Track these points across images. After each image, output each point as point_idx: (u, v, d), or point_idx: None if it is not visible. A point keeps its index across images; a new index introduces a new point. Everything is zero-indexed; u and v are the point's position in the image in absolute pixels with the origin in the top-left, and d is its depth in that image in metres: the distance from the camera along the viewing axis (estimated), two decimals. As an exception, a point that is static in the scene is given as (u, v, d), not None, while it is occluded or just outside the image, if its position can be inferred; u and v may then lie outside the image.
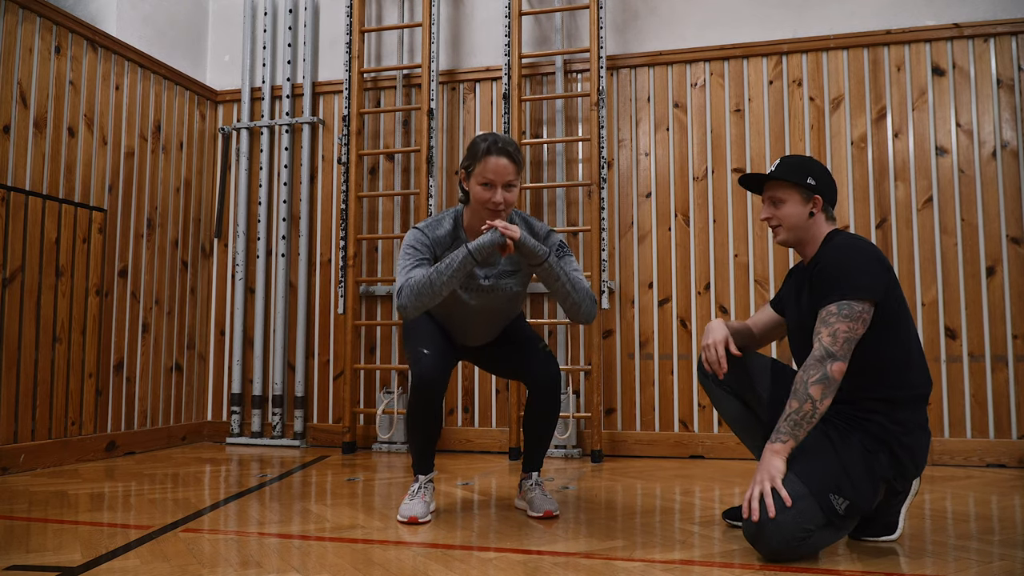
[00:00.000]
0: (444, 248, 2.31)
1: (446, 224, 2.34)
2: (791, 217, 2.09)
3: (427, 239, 2.29)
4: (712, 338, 2.17)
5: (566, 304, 2.27)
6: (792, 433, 1.89)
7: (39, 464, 3.26)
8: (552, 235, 2.36)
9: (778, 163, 2.13)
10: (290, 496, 2.74)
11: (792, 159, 2.13)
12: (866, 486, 1.90)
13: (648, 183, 3.88)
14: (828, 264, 1.99)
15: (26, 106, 3.28)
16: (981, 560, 1.87)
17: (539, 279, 2.27)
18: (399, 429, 3.95)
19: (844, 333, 1.90)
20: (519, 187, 2.28)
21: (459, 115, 4.15)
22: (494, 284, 2.35)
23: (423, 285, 2.15)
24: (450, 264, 2.16)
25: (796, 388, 1.90)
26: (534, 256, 2.20)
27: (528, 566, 1.84)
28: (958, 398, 3.45)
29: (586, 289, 2.28)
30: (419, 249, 2.26)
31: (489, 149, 2.22)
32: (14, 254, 3.17)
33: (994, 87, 3.53)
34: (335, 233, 4.24)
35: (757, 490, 1.86)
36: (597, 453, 3.59)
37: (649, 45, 3.95)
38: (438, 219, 2.36)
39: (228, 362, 4.36)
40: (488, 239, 2.16)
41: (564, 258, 2.31)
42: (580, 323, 2.31)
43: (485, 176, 2.21)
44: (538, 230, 2.36)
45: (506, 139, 2.25)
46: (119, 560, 1.88)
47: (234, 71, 4.52)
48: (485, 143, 2.23)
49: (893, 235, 3.58)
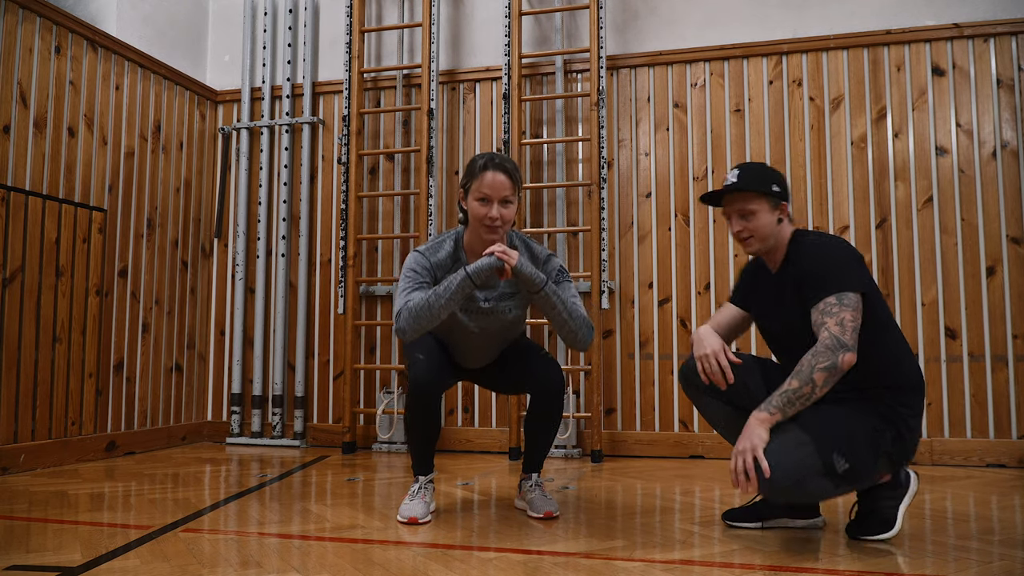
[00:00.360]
0: (445, 271, 2.31)
1: (447, 247, 2.34)
2: (764, 227, 2.09)
3: (427, 262, 2.29)
4: (709, 348, 2.11)
5: (563, 331, 2.28)
6: (783, 409, 1.91)
7: (39, 464, 3.26)
8: (552, 260, 2.36)
9: (738, 173, 2.10)
10: (290, 496, 2.74)
11: (751, 167, 2.11)
12: (868, 454, 1.94)
13: (648, 183, 3.88)
14: (814, 263, 2.01)
15: (26, 106, 3.28)
16: (981, 560, 1.87)
17: (537, 306, 2.27)
18: (399, 429, 3.95)
19: (851, 322, 1.92)
20: (516, 205, 2.27)
21: (459, 115, 4.15)
22: (493, 307, 2.35)
23: (421, 308, 2.15)
24: (448, 287, 2.16)
25: (801, 369, 1.91)
26: (531, 284, 2.20)
27: (528, 566, 1.84)
28: (958, 398, 3.45)
29: (583, 316, 2.28)
30: (419, 272, 2.26)
31: (486, 165, 2.22)
32: (14, 254, 3.17)
33: (994, 87, 3.53)
34: (335, 233, 4.24)
35: (740, 462, 1.88)
36: (597, 453, 3.59)
37: (649, 45, 3.95)
38: (439, 241, 2.36)
39: (228, 362, 4.36)
40: (486, 263, 2.16)
41: (562, 284, 2.31)
42: (576, 350, 2.32)
43: (482, 191, 2.21)
44: (538, 254, 2.36)
45: (504, 157, 2.29)
46: (119, 560, 1.88)
47: (234, 71, 4.52)
48: (482, 160, 2.25)
49: (893, 235, 3.58)
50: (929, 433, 3.47)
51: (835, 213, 3.66)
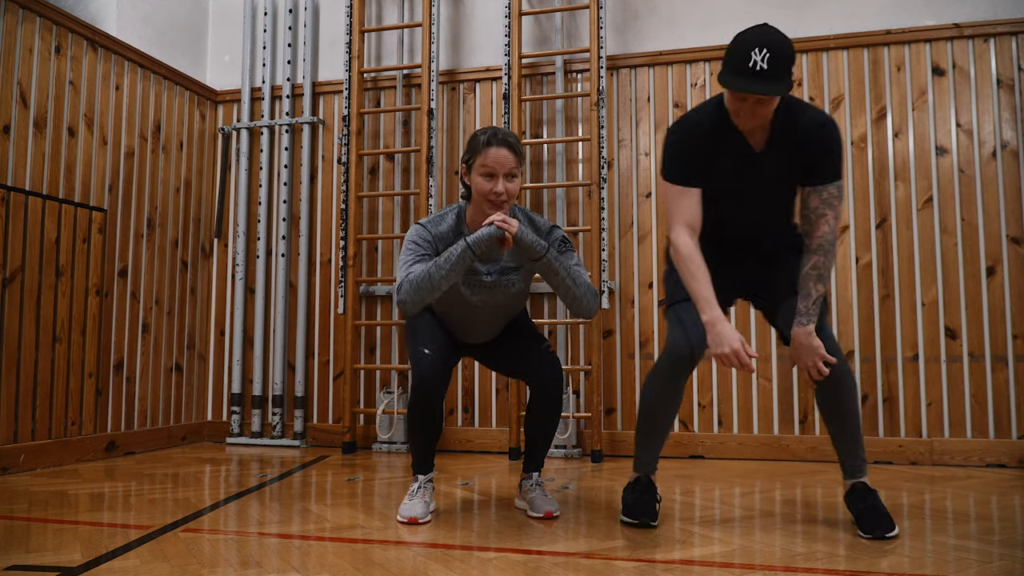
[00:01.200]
0: (446, 244, 2.30)
1: (449, 219, 2.34)
2: (771, 112, 2.04)
3: (429, 234, 2.30)
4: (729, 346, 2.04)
5: (567, 298, 2.28)
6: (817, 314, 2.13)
7: (39, 464, 3.26)
8: (555, 231, 2.36)
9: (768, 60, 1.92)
10: (290, 496, 2.74)
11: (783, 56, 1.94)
12: None
13: (648, 183, 3.88)
14: (822, 148, 2.08)
15: (26, 106, 3.28)
16: (981, 560, 1.87)
17: (540, 274, 2.28)
18: (399, 429, 3.95)
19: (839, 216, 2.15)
20: (520, 178, 2.28)
21: (459, 115, 4.15)
22: (496, 280, 2.34)
23: (422, 279, 2.16)
24: (448, 258, 2.16)
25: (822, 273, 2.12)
26: (532, 251, 2.21)
27: (528, 566, 1.84)
28: (958, 398, 3.45)
29: (587, 283, 2.28)
30: (420, 244, 2.27)
31: (489, 140, 2.23)
32: (14, 254, 3.17)
33: (994, 87, 3.53)
34: (335, 233, 4.24)
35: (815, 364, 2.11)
36: (597, 453, 3.59)
37: (649, 45, 3.95)
38: (441, 215, 2.36)
39: (228, 362, 4.36)
40: (486, 232, 2.17)
41: (566, 253, 2.32)
42: (582, 317, 2.32)
43: (486, 166, 2.21)
44: (540, 226, 2.36)
45: (506, 131, 2.28)
46: (119, 560, 1.88)
47: (234, 71, 4.52)
48: (485, 135, 2.25)
49: (893, 235, 3.58)
50: (929, 433, 3.47)
51: (835, 213, 3.65)
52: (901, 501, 2.62)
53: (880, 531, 2.07)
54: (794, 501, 2.61)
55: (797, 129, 2.10)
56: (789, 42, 1.99)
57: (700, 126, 2.14)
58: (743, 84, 1.94)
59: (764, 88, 1.94)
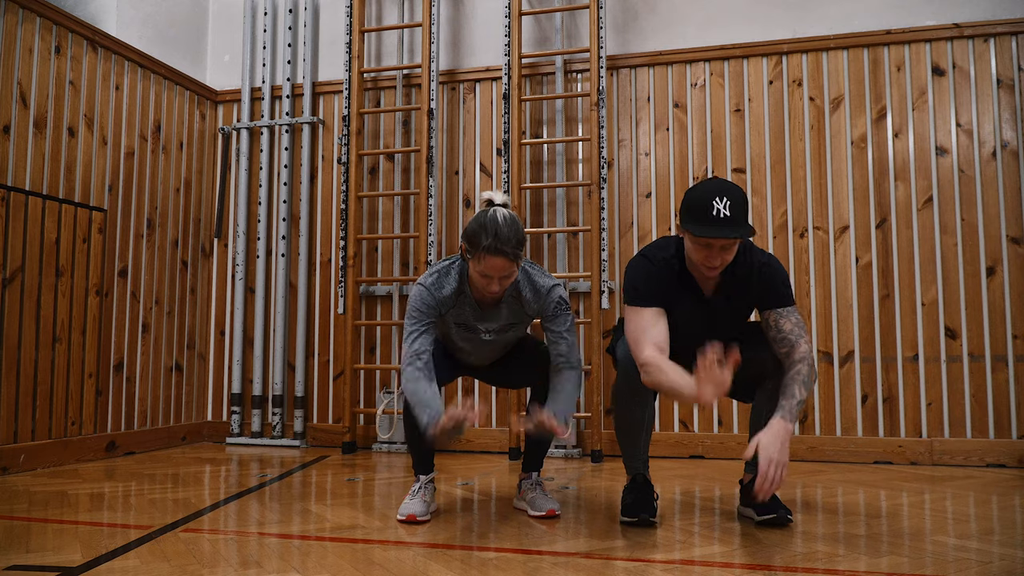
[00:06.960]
0: (448, 307, 2.33)
1: (451, 281, 2.32)
2: (733, 255, 2.13)
3: (433, 299, 2.30)
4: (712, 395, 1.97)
5: None
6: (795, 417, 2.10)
7: (39, 464, 3.26)
8: (553, 291, 2.33)
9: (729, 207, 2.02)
10: (290, 496, 2.74)
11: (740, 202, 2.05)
12: None
13: (648, 183, 3.88)
14: (771, 275, 2.19)
15: (26, 106, 3.28)
16: (981, 560, 1.87)
17: None
18: (399, 429, 3.94)
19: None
20: (517, 270, 2.25)
21: (459, 115, 4.15)
22: (496, 338, 2.41)
23: (409, 395, 2.23)
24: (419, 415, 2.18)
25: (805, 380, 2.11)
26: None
27: (528, 566, 1.84)
28: (958, 398, 3.45)
29: (577, 360, 2.35)
30: (424, 312, 2.29)
31: (488, 248, 2.14)
32: (14, 254, 3.17)
33: (994, 87, 3.53)
34: (335, 233, 4.24)
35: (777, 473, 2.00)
36: (597, 453, 3.59)
37: (649, 45, 3.95)
38: (443, 272, 2.33)
39: (228, 362, 4.36)
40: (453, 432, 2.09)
41: (559, 316, 2.33)
42: None
43: (483, 270, 2.19)
44: (540, 287, 2.33)
45: (506, 236, 2.14)
46: (119, 560, 1.88)
47: (234, 71, 4.52)
48: (487, 240, 2.14)
49: (893, 235, 3.58)
50: (929, 433, 3.47)
51: (835, 213, 3.66)
52: (901, 501, 2.62)
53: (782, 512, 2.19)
54: (794, 501, 2.61)
55: (742, 273, 2.20)
56: (741, 188, 2.12)
57: (669, 264, 2.22)
58: (714, 232, 2.03)
59: (733, 232, 2.03)
